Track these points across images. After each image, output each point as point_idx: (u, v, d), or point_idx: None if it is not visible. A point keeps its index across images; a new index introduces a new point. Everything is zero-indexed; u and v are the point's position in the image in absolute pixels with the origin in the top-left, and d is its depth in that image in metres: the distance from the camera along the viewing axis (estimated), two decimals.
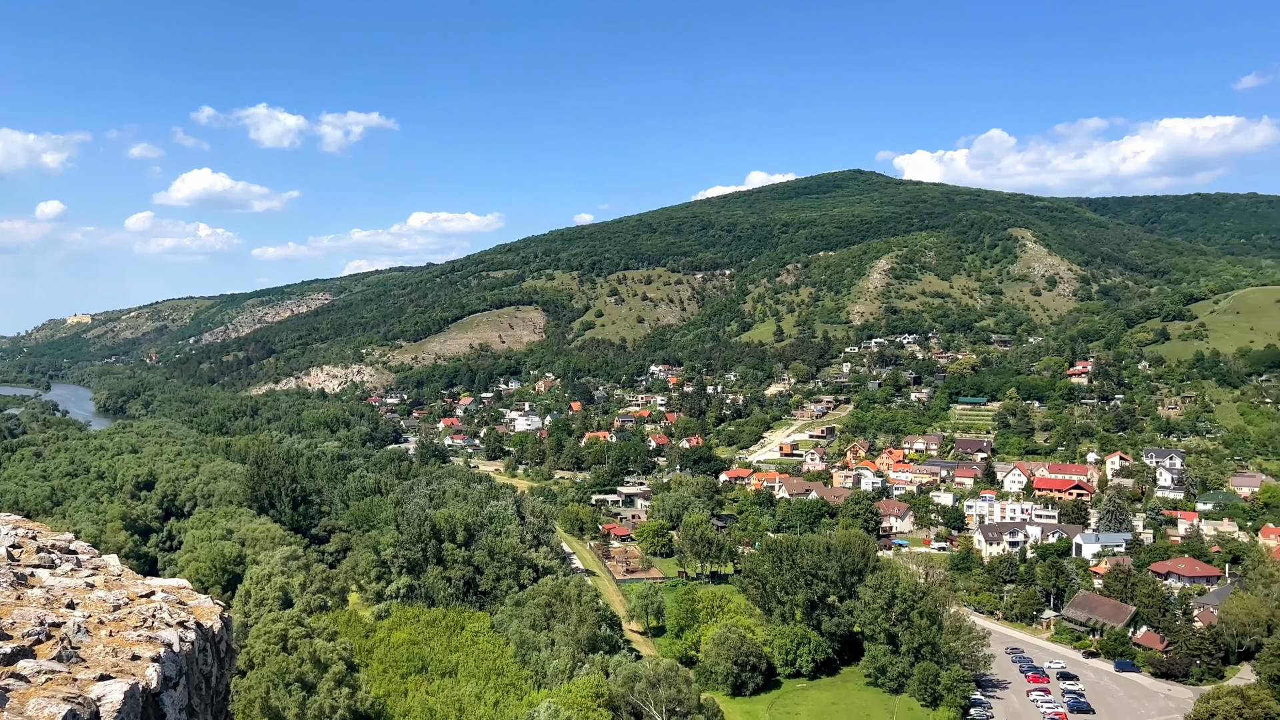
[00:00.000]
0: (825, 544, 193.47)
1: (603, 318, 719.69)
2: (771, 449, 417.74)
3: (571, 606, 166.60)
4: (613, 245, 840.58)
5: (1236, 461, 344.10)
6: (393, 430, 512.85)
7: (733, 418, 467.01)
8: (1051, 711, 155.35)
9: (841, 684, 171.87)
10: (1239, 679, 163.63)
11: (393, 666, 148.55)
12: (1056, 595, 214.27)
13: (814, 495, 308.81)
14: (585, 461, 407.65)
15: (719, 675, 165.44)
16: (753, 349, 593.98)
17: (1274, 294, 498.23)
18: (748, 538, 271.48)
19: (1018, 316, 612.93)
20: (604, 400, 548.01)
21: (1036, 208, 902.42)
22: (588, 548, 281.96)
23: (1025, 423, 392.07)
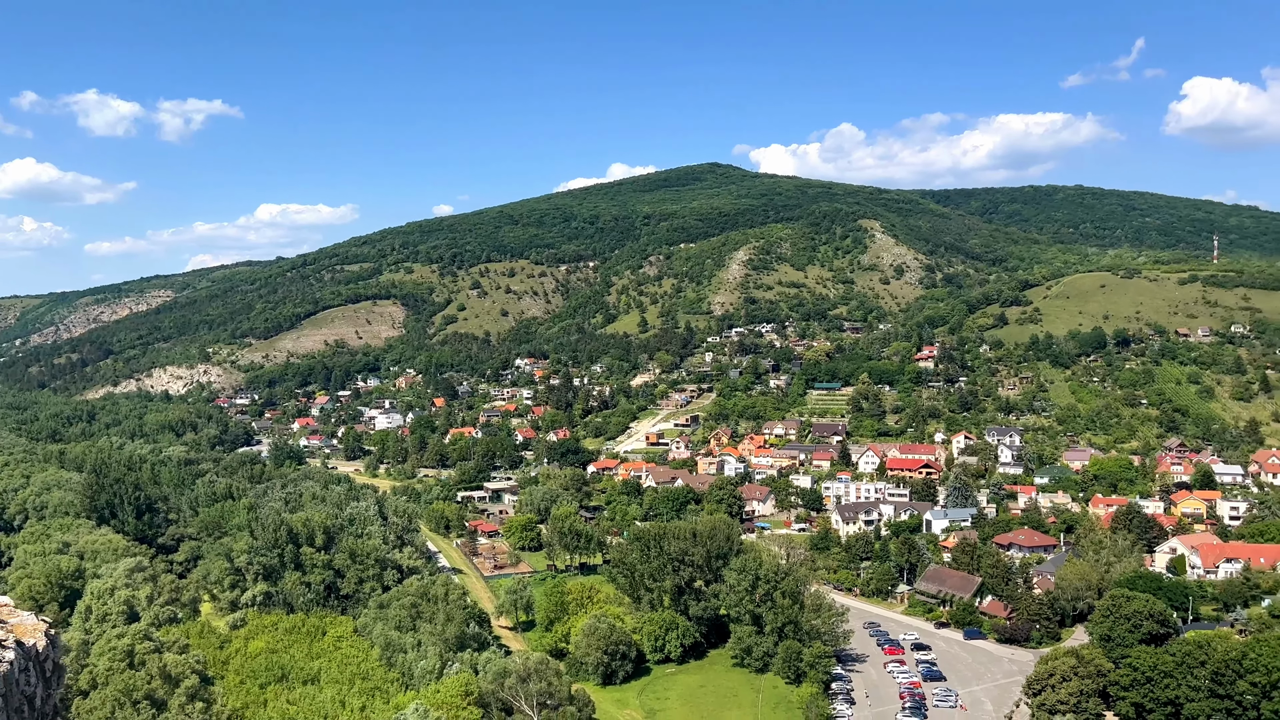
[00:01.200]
0: (691, 530, 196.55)
1: (465, 311, 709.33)
2: (638, 439, 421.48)
3: (438, 606, 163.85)
4: (474, 237, 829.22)
5: (1068, 437, 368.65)
6: (244, 432, 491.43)
7: (600, 409, 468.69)
8: (907, 681, 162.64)
9: (709, 666, 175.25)
10: (1074, 640, 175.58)
11: (251, 677, 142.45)
12: (909, 570, 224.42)
13: (680, 483, 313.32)
14: (450, 458, 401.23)
15: (589, 666, 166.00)
16: (618, 340, 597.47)
17: (1099, 279, 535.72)
18: (616, 528, 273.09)
19: (868, 304, 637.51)
20: (468, 395, 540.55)
21: (885, 199, 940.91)
22: (454, 546, 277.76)
23: (877, 406, 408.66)
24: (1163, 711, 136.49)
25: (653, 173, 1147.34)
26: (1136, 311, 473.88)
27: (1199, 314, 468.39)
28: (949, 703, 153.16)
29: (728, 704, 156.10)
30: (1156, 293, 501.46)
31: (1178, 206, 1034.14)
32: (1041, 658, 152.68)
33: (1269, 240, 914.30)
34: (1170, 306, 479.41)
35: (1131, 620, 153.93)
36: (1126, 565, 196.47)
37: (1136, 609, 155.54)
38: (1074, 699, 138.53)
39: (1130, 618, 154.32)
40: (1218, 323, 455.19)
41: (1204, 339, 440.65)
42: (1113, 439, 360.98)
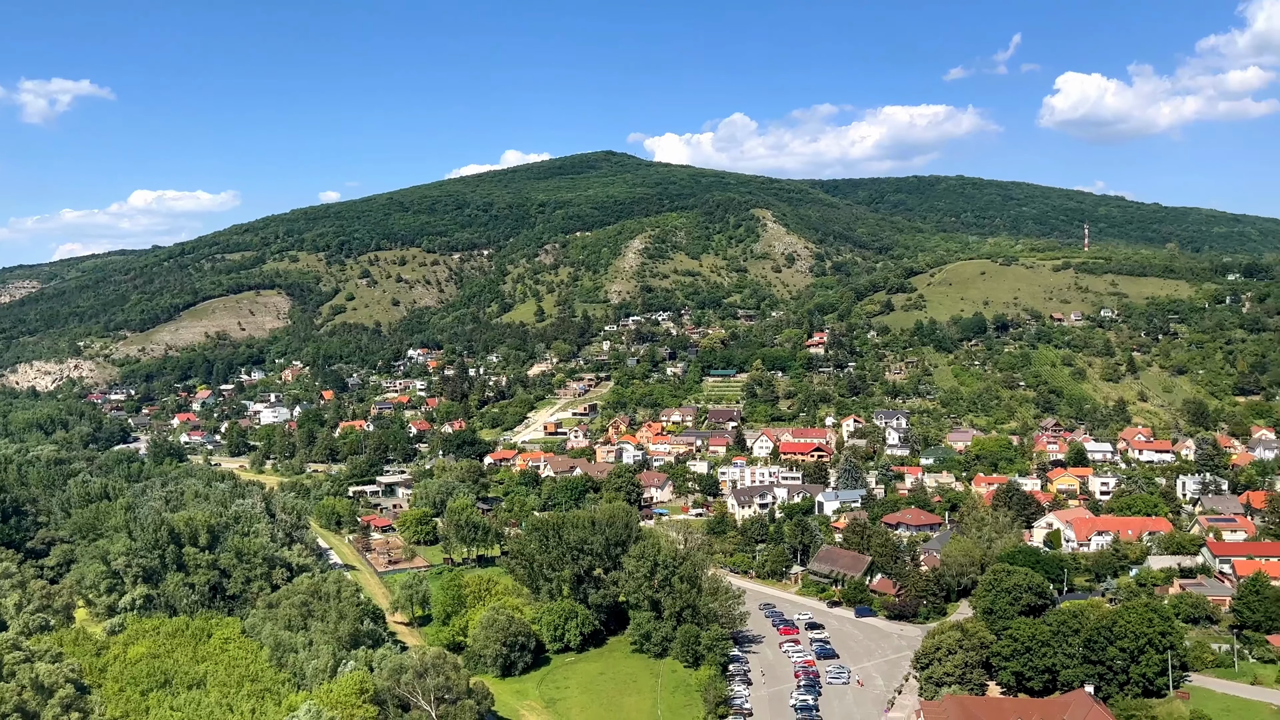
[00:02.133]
0: (590, 519, 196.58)
1: (354, 301, 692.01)
2: (536, 429, 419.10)
3: (330, 604, 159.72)
4: (363, 224, 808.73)
5: (952, 419, 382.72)
6: (120, 430, 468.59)
7: (496, 399, 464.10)
8: (801, 660, 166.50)
9: (609, 654, 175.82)
10: (959, 614, 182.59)
11: (131, 684, 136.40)
12: (803, 551, 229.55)
13: (579, 472, 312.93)
14: (340, 452, 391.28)
15: (488, 658, 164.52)
16: (514, 330, 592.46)
17: (979, 267, 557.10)
18: (514, 519, 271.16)
19: (761, 292, 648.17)
20: (359, 387, 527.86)
21: (776, 189, 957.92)
22: (346, 542, 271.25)
23: (770, 392, 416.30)
24: (1041, 679, 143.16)
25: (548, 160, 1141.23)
26: (1014, 297, 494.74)
27: (1072, 299, 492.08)
28: (842, 679, 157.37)
29: (627, 690, 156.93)
30: (1033, 279, 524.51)
31: (1052, 196, 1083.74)
32: (929, 632, 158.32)
33: (1134, 229, 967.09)
34: (1045, 292, 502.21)
35: (1012, 593, 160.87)
36: (1007, 541, 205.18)
37: (1016, 582, 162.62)
38: (959, 671, 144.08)
39: (1011, 591, 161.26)
40: (1089, 307, 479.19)
41: (1076, 323, 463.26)
42: (993, 420, 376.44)
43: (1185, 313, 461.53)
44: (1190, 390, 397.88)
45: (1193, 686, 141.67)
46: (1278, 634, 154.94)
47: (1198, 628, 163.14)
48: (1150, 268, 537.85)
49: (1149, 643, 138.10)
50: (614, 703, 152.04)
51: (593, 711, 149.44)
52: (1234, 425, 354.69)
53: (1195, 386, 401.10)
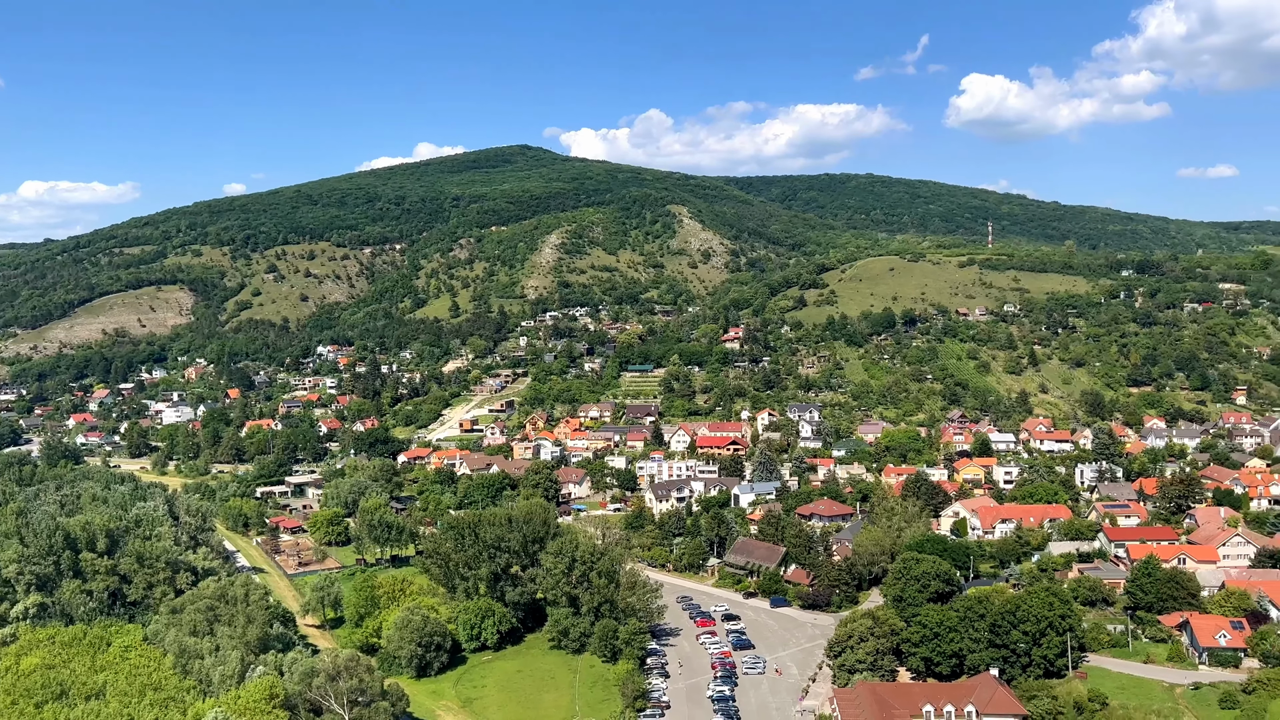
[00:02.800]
0: (507, 516, 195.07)
1: (261, 296, 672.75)
2: (452, 426, 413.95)
3: (238, 608, 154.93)
4: (269, 218, 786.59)
5: (863, 412, 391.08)
6: (10, 431, 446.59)
7: (410, 397, 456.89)
8: (718, 651, 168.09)
9: (527, 651, 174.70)
10: (870, 602, 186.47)
11: (24, 696, 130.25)
12: (719, 543, 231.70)
13: (495, 469, 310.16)
14: (247, 453, 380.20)
15: (403, 659, 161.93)
16: (428, 325, 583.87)
17: (888, 263, 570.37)
18: (429, 517, 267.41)
19: (678, 288, 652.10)
20: (266, 385, 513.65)
21: (692, 186, 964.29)
22: (254, 544, 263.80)
23: (687, 386, 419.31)
24: (949, 664, 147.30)
25: (462, 153, 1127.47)
26: (922, 293, 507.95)
27: (976, 295, 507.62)
28: (758, 669, 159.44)
29: (545, 687, 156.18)
30: (939, 275, 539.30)
31: (957, 195, 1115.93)
32: (841, 621, 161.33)
33: (1035, 226, 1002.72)
34: (951, 288, 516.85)
35: (921, 581, 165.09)
36: (916, 530, 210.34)
37: (925, 570, 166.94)
38: (871, 658, 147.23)
39: (920, 578, 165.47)
40: (992, 302, 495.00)
41: (981, 318, 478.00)
42: (902, 412, 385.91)
43: (1083, 307, 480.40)
44: (1088, 382, 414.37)
45: (1090, 666, 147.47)
46: (1168, 614, 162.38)
47: (1095, 610, 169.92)
48: (1050, 264, 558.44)
49: (1050, 625, 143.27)
50: (532, 700, 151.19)
51: (510, 709, 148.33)
52: (1128, 415, 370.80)
53: (1092, 378, 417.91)
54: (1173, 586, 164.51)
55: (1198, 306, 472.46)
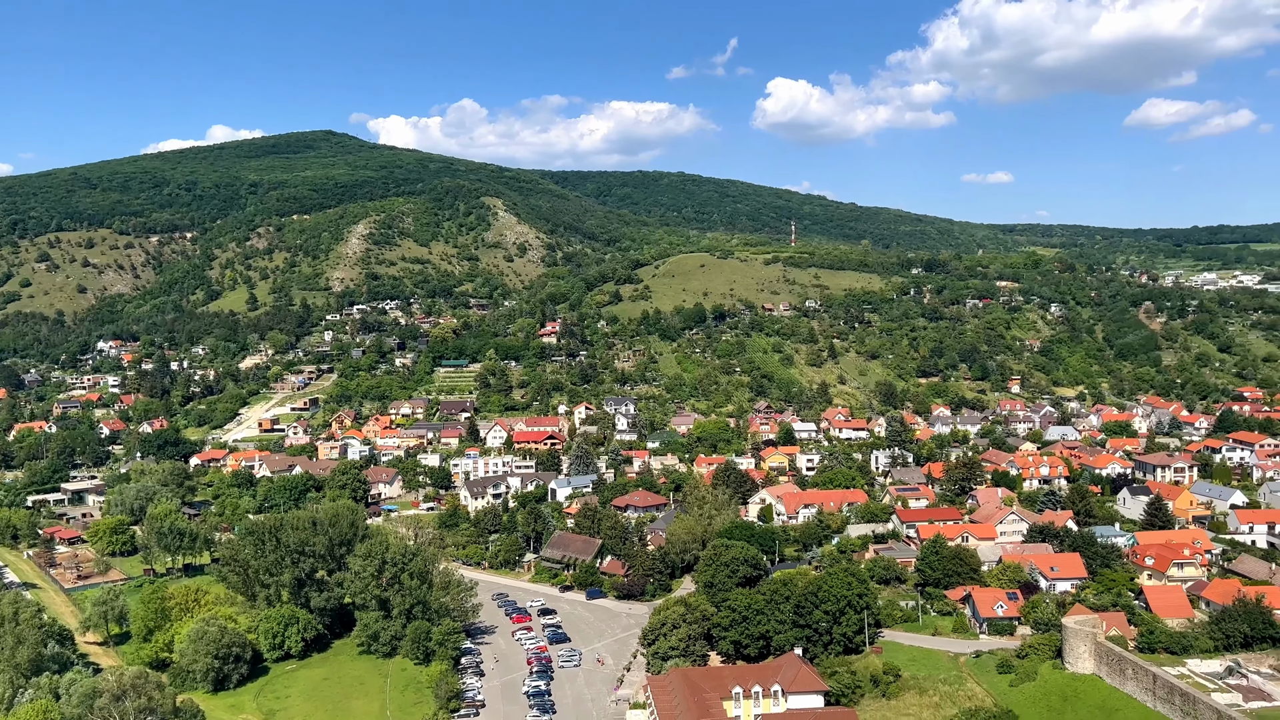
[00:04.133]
0: (311, 519, 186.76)
1: (31, 288, 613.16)
2: (250, 426, 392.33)
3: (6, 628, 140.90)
4: (41, 202, 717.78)
5: (676, 404, 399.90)
6: None
7: (204, 395, 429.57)
8: (534, 647, 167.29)
9: (334, 658, 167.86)
10: (683, 590, 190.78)
11: None
12: (536, 539, 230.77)
13: (299, 470, 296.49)
14: (16, 458, 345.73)
15: (198, 673, 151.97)
16: (224, 319, 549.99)
17: (700, 260, 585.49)
18: (226, 523, 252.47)
19: (494, 281, 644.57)
20: (38, 385, 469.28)
21: (507, 178, 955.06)
22: (25, 558, 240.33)
23: (504, 381, 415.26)
24: (756, 646, 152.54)
25: (260, 138, 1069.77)
26: (731, 289, 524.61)
27: (781, 291, 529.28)
28: (574, 662, 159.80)
29: (354, 693, 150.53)
30: (747, 272, 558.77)
31: (763, 195, 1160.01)
32: (655, 609, 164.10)
33: (834, 226, 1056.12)
34: (758, 284, 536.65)
35: (730, 566, 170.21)
36: (725, 517, 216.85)
37: (734, 556, 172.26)
38: (683, 644, 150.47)
39: (729, 564, 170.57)
40: (796, 298, 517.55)
41: (785, 313, 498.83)
42: (713, 404, 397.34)
43: (877, 303, 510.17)
44: (882, 373, 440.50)
45: (886, 641, 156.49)
46: (954, 589, 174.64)
47: (889, 587, 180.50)
48: (848, 262, 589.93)
49: (849, 604, 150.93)
50: (340, 707, 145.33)
51: (317, 718, 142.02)
52: (918, 404, 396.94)
53: (886, 370, 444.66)
54: (957, 563, 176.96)
55: (978, 303, 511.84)
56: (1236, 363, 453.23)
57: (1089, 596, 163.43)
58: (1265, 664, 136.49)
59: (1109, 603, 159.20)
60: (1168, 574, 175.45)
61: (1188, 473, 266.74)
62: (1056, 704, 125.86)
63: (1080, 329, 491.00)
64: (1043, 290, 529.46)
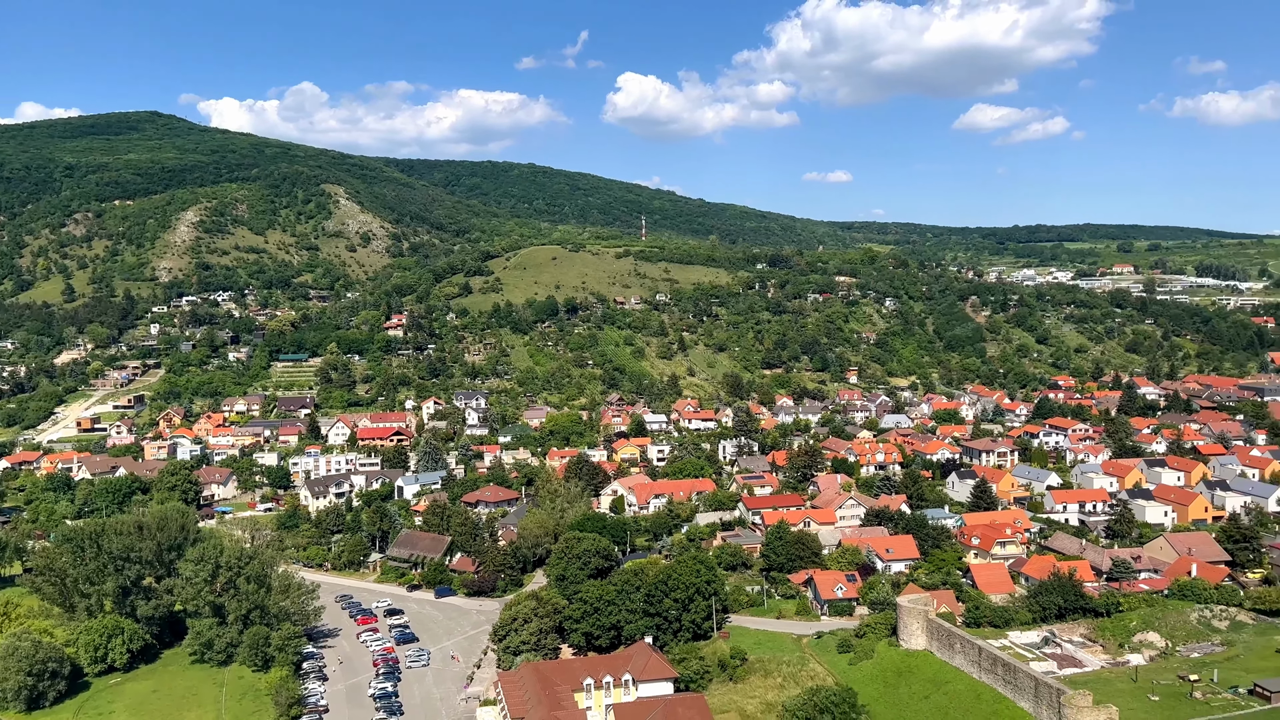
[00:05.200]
0: (137, 523, 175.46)
1: None
2: (68, 425, 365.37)
3: None
4: None
5: (528, 397, 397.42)
6: None
7: (13, 393, 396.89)
8: (381, 648, 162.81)
9: (164, 669, 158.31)
10: (535, 584, 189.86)
11: None
12: (382, 538, 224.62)
13: (123, 472, 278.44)
14: None
15: (8, 692, 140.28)
16: (36, 311, 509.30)
17: (551, 252, 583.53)
18: (41, 529, 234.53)
19: (335, 272, 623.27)
20: None
21: (349, 165, 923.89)
22: None
23: (347, 376, 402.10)
24: (608, 636, 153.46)
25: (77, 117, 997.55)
26: (583, 282, 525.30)
27: (632, 284, 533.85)
28: (422, 662, 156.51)
29: (186, 705, 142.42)
30: (599, 265, 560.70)
31: (614, 189, 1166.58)
32: (506, 604, 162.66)
33: (683, 221, 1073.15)
34: (610, 278, 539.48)
35: (582, 559, 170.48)
36: (578, 509, 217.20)
37: (586, 548, 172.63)
38: (534, 638, 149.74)
39: (580, 556, 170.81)
40: (646, 292, 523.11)
41: (636, 306, 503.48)
42: (565, 397, 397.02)
43: (724, 297, 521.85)
44: (729, 365, 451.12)
45: (733, 626, 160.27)
46: (797, 573, 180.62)
47: (736, 573, 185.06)
48: (696, 257, 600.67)
49: (697, 591, 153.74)
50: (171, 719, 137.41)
51: None
52: (763, 394, 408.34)
53: (733, 362, 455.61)
54: (799, 547, 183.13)
55: (819, 297, 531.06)
56: (1052, 353, 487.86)
57: (921, 576, 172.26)
58: (1077, 633, 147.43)
59: (939, 581, 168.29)
60: (992, 552, 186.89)
61: (1009, 457, 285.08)
62: (892, 679, 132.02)
63: (913, 322, 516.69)
64: (878, 285, 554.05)
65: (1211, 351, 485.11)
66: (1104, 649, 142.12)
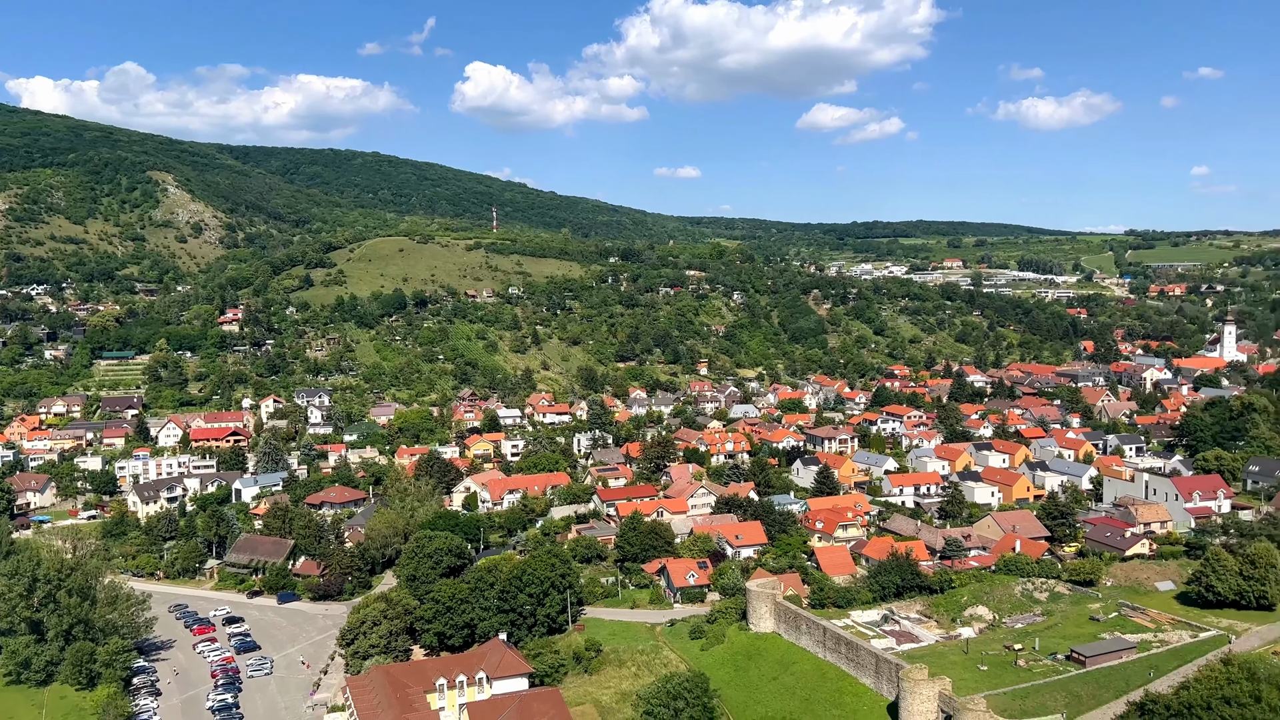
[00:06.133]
0: None
1: None
2: None
3: None
4: None
5: (375, 394, 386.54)
6: None
7: None
8: (220, 658, 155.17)
9: None
10: (384, 585, 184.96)
11: None
12: (219, 544, 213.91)
13: None
14: None
15: None
16: None
17: (398, 244, 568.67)
18: None
19: (165, 264, 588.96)
20: None
21: (179, 151, 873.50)
22: None
23: (179, 374, 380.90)
24: (461, 635, 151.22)
25: None
26: (432, 274, 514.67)
27: (484, 277, 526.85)
28: (264, 671, 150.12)
29: None
30: (448, 258, 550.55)
31: (463, 179, 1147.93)
32: (354, 608, 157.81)
33: (535, 213, 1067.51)
34: (460, 270, 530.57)
35: (433, 557, 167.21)
36: (429, 508, 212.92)
37: (438, 546, 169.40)
38: (384, 641, 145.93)
39: (432, 555, 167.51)
40: (499, 285, 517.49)
41: (488, 299, 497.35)
42: (415, 393, 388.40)
43: (578, 290, 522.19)
44: (583, 358, 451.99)
45: (588, 618, 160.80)
46: (650, 562, 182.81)
47: (591, 565, 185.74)
48: (549, 250, 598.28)
49: (552, 585, 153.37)
50: None
51: None
52: (617, 387, 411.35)
53: (587, 355, 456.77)
54: (653, 537, 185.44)
55: (670, 290, 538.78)
56: (889, 344, 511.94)
57: (769, 560, 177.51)
58: (914, 610, 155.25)
59: (786, 565, 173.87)
60: (835, 535, 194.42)
61: (850, 443, 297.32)
62: (742, 663, 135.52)
63: (759, 315, 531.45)
64: (727, 279, 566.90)
65: (1032, 341, 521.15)
66: (938, 624, 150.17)
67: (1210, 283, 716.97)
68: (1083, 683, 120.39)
